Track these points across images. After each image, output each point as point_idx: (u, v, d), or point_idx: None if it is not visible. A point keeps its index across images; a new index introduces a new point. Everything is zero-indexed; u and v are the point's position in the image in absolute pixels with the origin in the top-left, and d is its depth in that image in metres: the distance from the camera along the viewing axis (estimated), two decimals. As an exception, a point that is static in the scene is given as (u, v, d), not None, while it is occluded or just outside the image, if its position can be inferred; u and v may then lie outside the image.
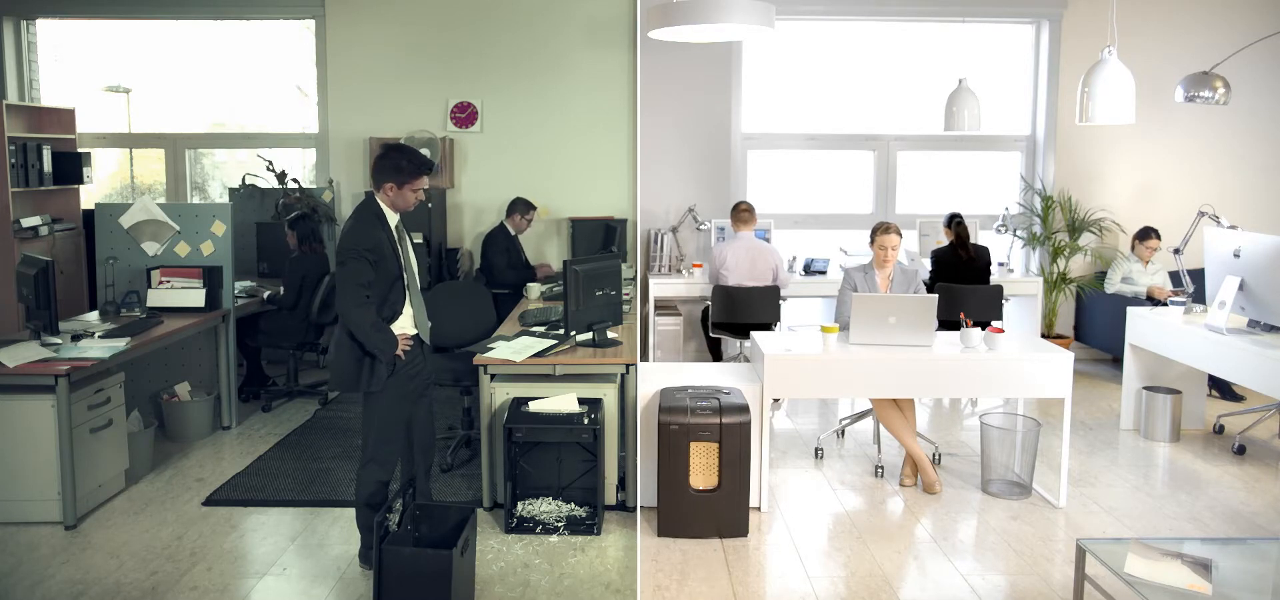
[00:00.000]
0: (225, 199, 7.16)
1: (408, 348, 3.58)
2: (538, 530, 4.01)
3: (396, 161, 3.49)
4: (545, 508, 4.13)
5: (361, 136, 7.23)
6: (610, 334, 4.54)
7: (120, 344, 4.43)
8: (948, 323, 5.21)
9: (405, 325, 3.59)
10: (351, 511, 4.22)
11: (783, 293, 6.05)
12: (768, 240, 6.67)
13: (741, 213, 6.13)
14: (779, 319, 5.99)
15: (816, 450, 5.11)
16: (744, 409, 3.98)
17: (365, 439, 3.61)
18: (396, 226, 3.58)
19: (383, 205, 3.53)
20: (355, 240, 3.42)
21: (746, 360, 6.22)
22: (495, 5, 7.17)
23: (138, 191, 7.58)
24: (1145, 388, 5.46)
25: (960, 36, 7.31)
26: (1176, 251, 5.43)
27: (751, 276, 6.00)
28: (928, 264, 6.24)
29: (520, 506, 4.12)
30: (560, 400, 4.08)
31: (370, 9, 7.15)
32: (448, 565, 3.05)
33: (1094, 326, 7.28)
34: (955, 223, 6.09)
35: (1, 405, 4.01)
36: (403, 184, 3.50)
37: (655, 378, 4.40)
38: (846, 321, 4.61)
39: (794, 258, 6.95)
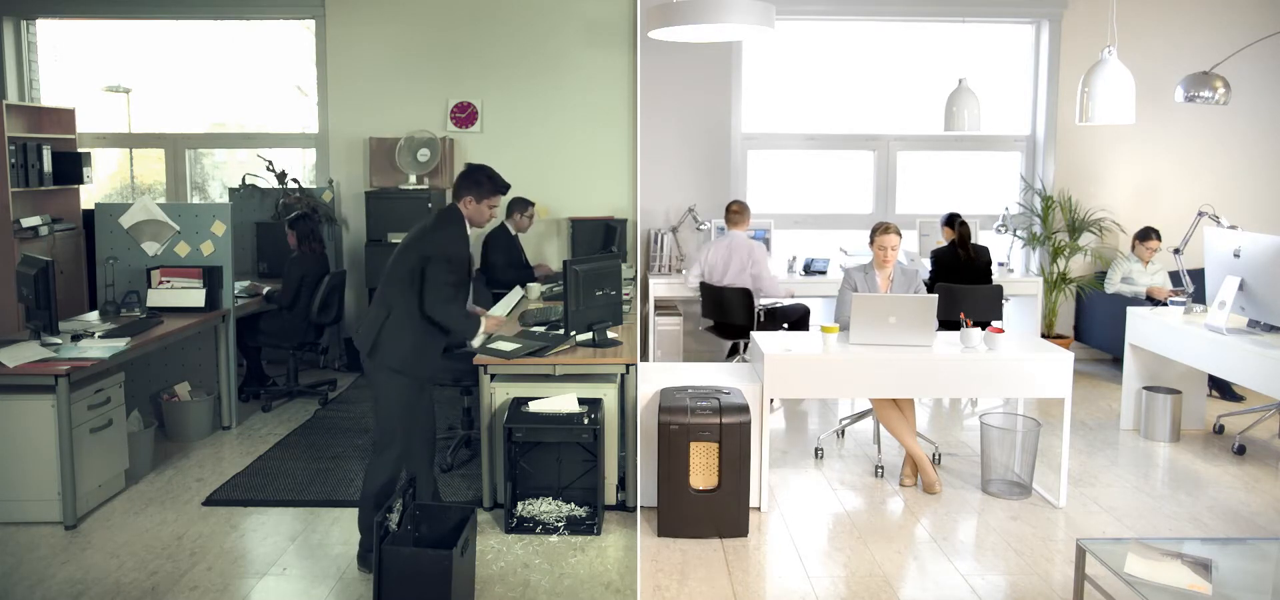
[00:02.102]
0: (225, 199, 7.16)
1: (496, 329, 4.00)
2: (538, 530, 4.01)
3: (479, 178, 3.76)
4: (545, 508, 4.13)
5: (361, 136, 7.23)
6: (610, 334, 4.54)
7: (120, 344, 4.43)
8: (948, 323, 5.20)
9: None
10: (352, 511, 4.23)
11: (761, 297, 6.02)
12: (766, 241, 6.67)
13: (731, 212, 6.17)
14: (753, 323, 5.95)
15: (816, 450, 5.11)
16: (744, 409, 3.98)
17: (383, 425, 3.68)
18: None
19: (464, 214, 3.78)
20: (451, 246, 3.69)
21: (744, 360, 6.22)
22: (495, 5, 7.17)
23: (138, 191, 7.58)
24: (1145, 388, 5.46)
25: (960, 36, 7.31)
26: (1176, 251, 5.43)
27: (724, 276, 6.04)
28: (928, 264, 6.24)
29: (520, 506, 4.12)
30: (560, 400, 4.09)
31: (370, 9, 7.15)
32: (448, 565, 3.05)
33: (1094, 326, 7.28)
34: (956, 222, 6.09)
35: (1, 405, 4.01)
36: (481, 199, 3.76)
37: (655, 378, 4.40)
38: (846, 321, 4.61)
39: (794, 258, 6.95)
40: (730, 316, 6.04)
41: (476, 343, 4.11)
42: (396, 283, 3.67)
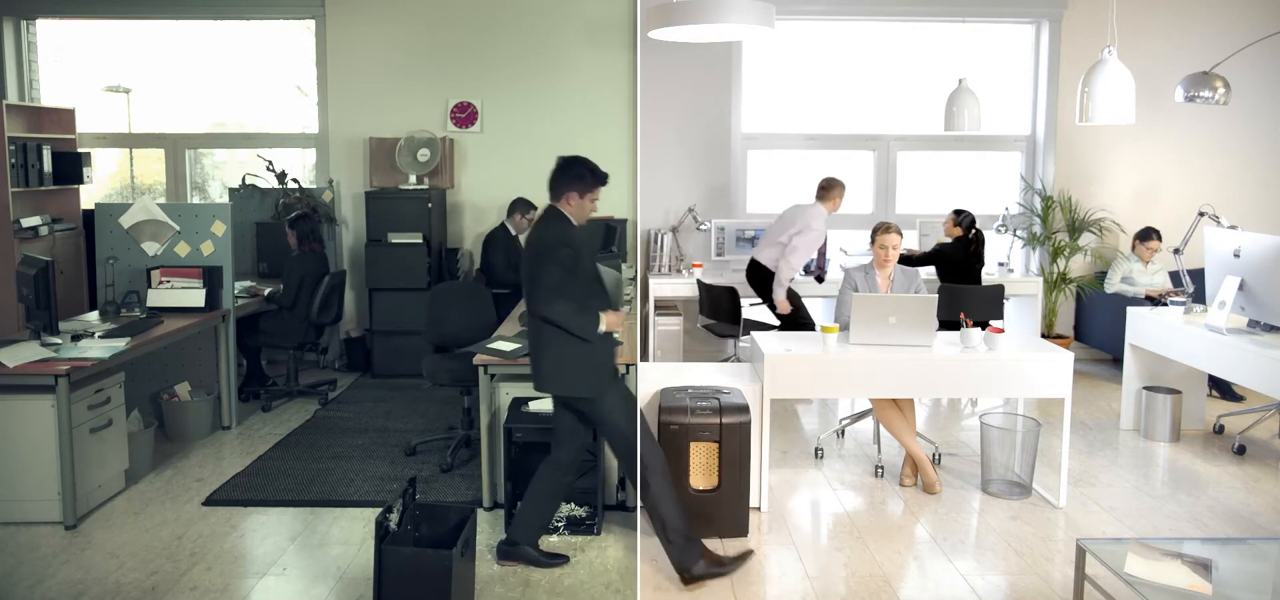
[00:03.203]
0: (225, 199, 7.16)
1: (620, 326, 3.64)
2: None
3: (579, 172, 3.57)
4: (545, 508, 4.12)
5: (361, 136, 7.23)
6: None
7: (120, 344, 4.43)
8: (948, 323, 5.20)
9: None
10: (352, 511, 4.26)
11: (782, 266, 5.84)
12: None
13: (821, 185, 5.88)
14: (739, 323, 5.87)
15: (816, 450, 5.11)
16: (744, 409, 3.98)
17: (622, 432, 3.55)
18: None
19: (566, 213, 3.58)
20: (553, 239, 3.49)
21: (740, 359, 6.22)
22: (495, 5, 7.17)
23: (138, 191, 7.58)
24: (1145, 388, 5.46)
25: (960, 36, 7.31)
26: (1177, 251, 5.43)
27: (768, 233, 5.98)
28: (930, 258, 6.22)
29: (520, 506, 4.11)
30: (560, 400, 4.08)
31: (370, 9, 7.15)
32: (448, 565, 3.05)
33: (1094, 326, 7.28)
34: (968, 223, 6.05)
35: (1, 405, 4.01)
36: (585, 193, 3.57)
37: (655, 378, 4.40)
38: (846, 321, 4.61)
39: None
40: (720, 316, 6.04)
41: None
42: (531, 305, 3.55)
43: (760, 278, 5.90)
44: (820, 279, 6.53)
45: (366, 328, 6.99)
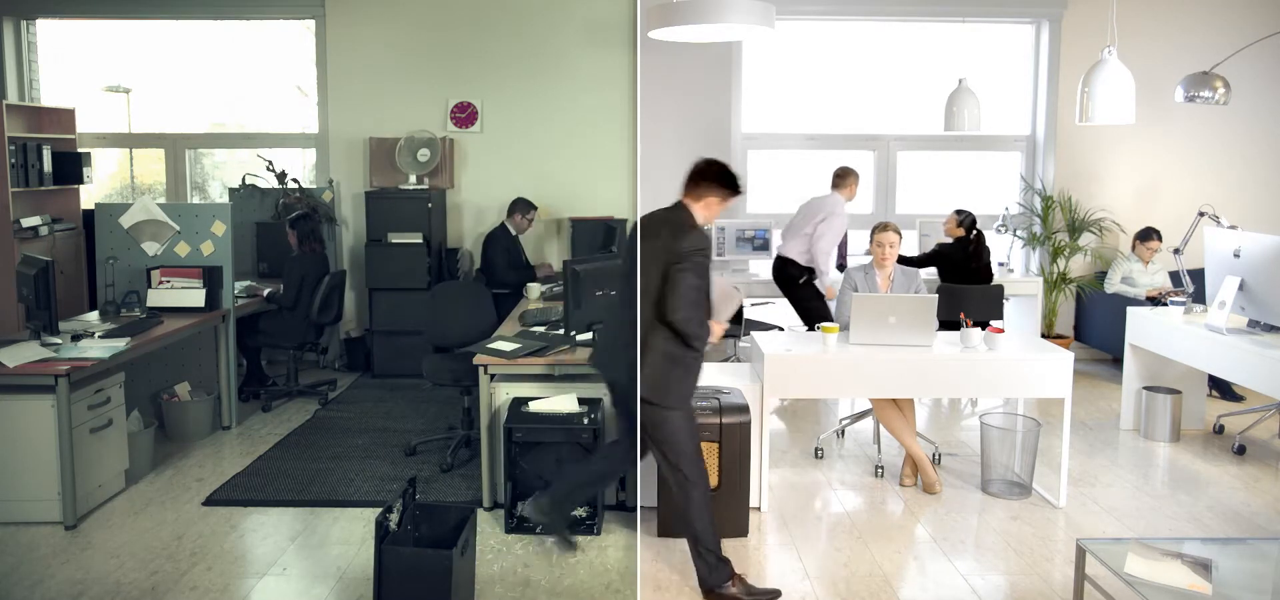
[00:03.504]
0: (225, 199, 7.16)
1: (719, 338, 3.56)
2: (538, 530, 4.01)
3: (726, 177, 3.55)
4: (545, 508, 4.12)
5: (361, 136, 7.23)
6: (610, 334, 4.53)
7: (120, 344, 4.43)
8: (948, 323, 5.20)
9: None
10: (352, 511, 4.26)
11: (815, 258, 5.83)
12: (766, 241, 6.63)
13: (835, 174, 5.96)
14: (739, 324, 5.86)
15: (816, 450, 5.11)
16: (744, 409, 3.98)
17: (680, 457, 3.45)
18: None
19: (696, 213, 3.51)
20: (695, 244, 3.40)
21: (740, 359, 6.22)
22: (495, 5, 7.17)
23: (138, 191, 7.58)
24: (1145, 388, 5.46)
25: (960, 36, 7.31)
26: (1177, 251, 5.43)
27: (790, 227, 6.01)
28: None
29: (520, 506, 4.11)
30: (560, 400, 4.09)
31: (370, 9, 7.15)
32: (448, 565, 3.05)
33: (1094, 326, 7.28)
34: (969, 223, 6.05)
35: (1, 405, 4.01)
36: (725, 199, 3.55)
37: (655, 378, 4.39)
38: (846, 321, 4.61)
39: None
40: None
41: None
42: (649, 302, 3.41)
43: (788, 276, 5.91)
44: (841, 268, 6.54)
45: (366, 328, 6.99)
